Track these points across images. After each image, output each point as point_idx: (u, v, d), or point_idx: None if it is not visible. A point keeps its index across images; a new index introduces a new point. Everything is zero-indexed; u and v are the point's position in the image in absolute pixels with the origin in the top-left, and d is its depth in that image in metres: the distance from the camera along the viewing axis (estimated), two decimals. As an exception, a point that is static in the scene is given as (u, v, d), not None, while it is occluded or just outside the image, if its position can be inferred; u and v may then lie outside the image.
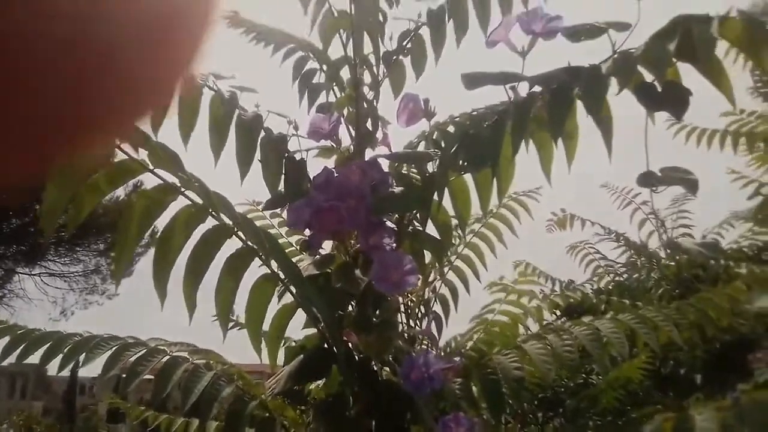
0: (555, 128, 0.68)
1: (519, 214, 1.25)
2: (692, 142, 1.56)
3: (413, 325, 1.30)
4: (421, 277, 0.85)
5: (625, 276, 1.81)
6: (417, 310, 1.32)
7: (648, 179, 0.60)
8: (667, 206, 1.70)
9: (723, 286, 1.04)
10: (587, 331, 0.83)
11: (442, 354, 1.17)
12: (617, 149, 0.67)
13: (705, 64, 0.66)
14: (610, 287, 1.98)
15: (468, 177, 0.85)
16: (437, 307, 1.30)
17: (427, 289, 1.31)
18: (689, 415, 0.49)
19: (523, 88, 0.76)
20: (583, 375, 1.63)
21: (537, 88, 0.75)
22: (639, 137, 0.67)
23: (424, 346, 0.98)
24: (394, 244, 0.81)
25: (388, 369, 0.79)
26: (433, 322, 1.29)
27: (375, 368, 0.79)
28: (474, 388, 0.84)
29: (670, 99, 0.63)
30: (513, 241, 1.28)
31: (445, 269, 1.29)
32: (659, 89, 0.66)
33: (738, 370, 1.40)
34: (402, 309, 1.25)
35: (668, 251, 0.63)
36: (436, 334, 1.29)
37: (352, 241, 0.83)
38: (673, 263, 1.66)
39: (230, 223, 0.71)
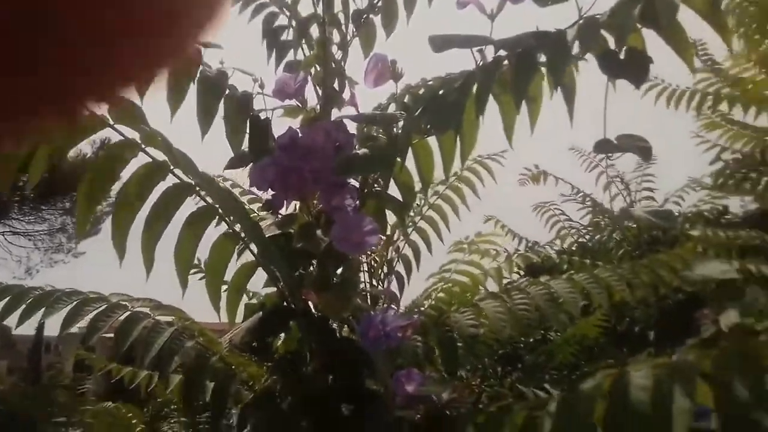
0: (517, 93, 0.68)
1: (483, 177, 1.26)
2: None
3: (376, 284, 1.33)
4: (383, 238, 0.86)
5: (588, 237, 1.86)
6: (380, 270, 1.34)
7: (604, 146, 0.61)
8: (633, 169, 1.74)
9: (676, 248, 1.07)
10: (542, 290, 0.86)
11: (405, 312, 1.19)
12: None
13: (667, 30, 0.66)
14: (573, 248, 2.03)
15: (432, 140, 0.85)
16: (400, 267, 1.32)
17: (390, 249, 1.33)
18: (627, 372, 0.51)
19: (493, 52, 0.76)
20: (542, 331, 1.68)
21: (503, 52, 0.74)
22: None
23: (386, 305, 1.00)
24: (357, 205, 0.81)
25: (347, 327, 0.81)
26: (395, 282, 1.31)
27: (334, 326, 0.80)
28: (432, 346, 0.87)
29: (631, 67, 0.64)
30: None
31: (409, 230, 1.31)
32: (621, 56, 0.66)
33: (688, 326, 1.47)
34: (365, 269, 1.27)
35: (620, 218, 0.65)
36: (398, 294, 1.31)
37: (315, 202, 0.83)
38: (633, 225, 1.70)
39: (192, 181, 0.70)
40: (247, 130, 0.88)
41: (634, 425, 0.48)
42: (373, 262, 1.38)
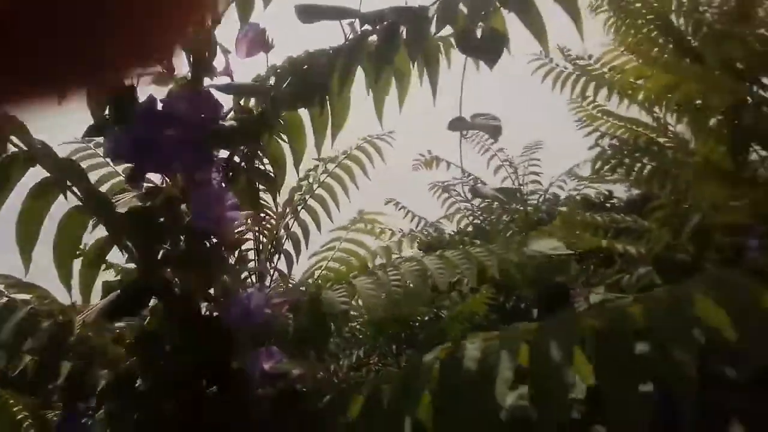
0: (379, 64, 0.68)
1: (373, 157, 1.26)
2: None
3: (264, 262, 1.30)
4: (249, 213, 0.84)
5: (481, 218, 1.91)
6: (269, 248, 1.32)
7: (458, 124, 0.62)
8: (521, 153, 1.80)
9: (544, 229, 1.13)
10: (415, 266, 0.87)
11: (288, 291, 1.18)
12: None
13: (524, 13, 0.68)
14: (468, 229, 2.09)
15: (305, 113, 0.84)
16: (290, 246, 1.31)
17: (280, 226, 1.31)
18: (463, 344, 0.52)
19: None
20: (434, 309, 1.72)
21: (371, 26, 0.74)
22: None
23: (259, 284, 0.98)
24: (223, 180, 0.78)
25: (212, 305, 0.78)
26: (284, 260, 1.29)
27: (200, 304, 0.78)
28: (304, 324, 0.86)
29: (486, 47, 0.65)
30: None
31: (299, 208, 1.30)
32: (478, 36, 0.67)
33: (568, 303, 1.55)
34: (253, 246, 1.24)
35: (472, 196, 0.67)
36: (286, 272, 1.30)
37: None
38: (522, 208, 1.77)
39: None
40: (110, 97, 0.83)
41: (464, 392, 0.49)
42: (262, 240, 1.36)
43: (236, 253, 0.87)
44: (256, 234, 1.32)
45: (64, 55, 0.17)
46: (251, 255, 1.21)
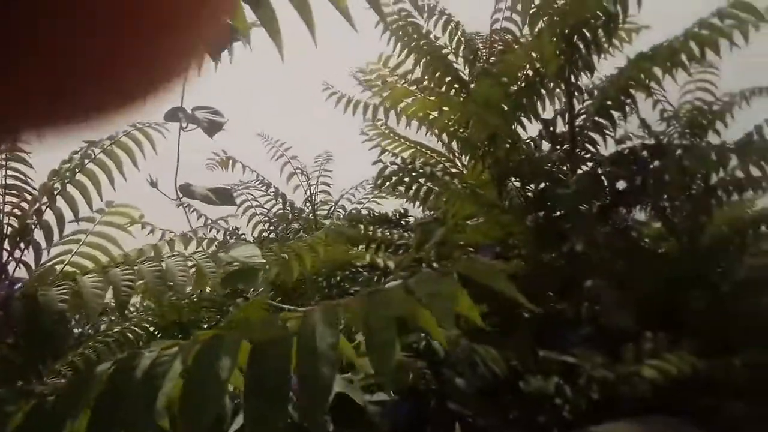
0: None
1: (143, 145, 1.21)
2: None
3: (10, 251, 1.18)
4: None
5: (276, 224, 1.92)
6: (17, 237, 1.20)
7: (172, 115, 0.62)
8: (313, 162, 1.85)
9: (306, 239, 1.18)
10: (153, 266, 0.84)
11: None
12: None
13: (260, 12, 0.70)
14: (264, 235, 2.09)
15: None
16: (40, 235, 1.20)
17: (31, 212, 1.20)
18: (141, 353, 0.52)
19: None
20: (218, 316, 1.69)
21: None
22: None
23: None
24: None
25: None
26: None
27: None
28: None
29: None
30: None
31: (55, 194, 1.20)
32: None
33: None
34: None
35: (182, 195, 0.67)
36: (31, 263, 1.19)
37: None
38: (312, 217, 1.81)
39: None
40: None
41: (129, 397, 0.49)
42: (8, 228, 1.23)
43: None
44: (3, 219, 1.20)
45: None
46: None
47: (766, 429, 1.38)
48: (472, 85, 1.61)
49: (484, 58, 1.57)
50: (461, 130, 1.50)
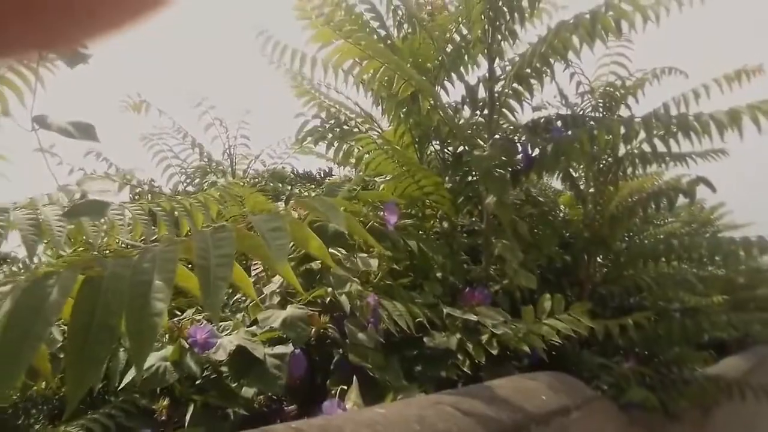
0: None
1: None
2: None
3: None
4: None
5: (193, 177, 1.86)
6: None
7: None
8: (233, 115, 1.79)
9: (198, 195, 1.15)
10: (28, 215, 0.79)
11: None
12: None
13: None
14: (180, 188, 2.02)
15: None
16: None
17: None
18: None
19: None
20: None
21: None
22: None
23: None
24: None
25: None
26: None
27: None
28: None
29: None
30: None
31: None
32: None
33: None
34: None
35: (36, 126, 0.63)
36: None
37: None
38: (230, 171, 1.76)
39: None
40: None
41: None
42: None
43: None
44: None
45: None
46: None
47: (648, 386, 1.49)
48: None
49: (416, 20, 1.55)
50: (384, 86, 1.49)
